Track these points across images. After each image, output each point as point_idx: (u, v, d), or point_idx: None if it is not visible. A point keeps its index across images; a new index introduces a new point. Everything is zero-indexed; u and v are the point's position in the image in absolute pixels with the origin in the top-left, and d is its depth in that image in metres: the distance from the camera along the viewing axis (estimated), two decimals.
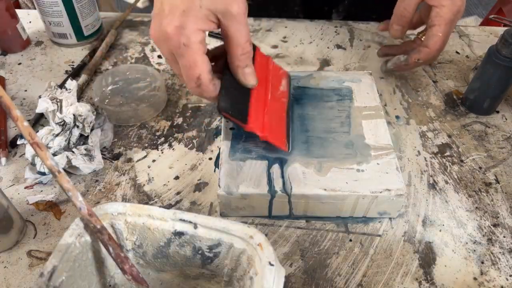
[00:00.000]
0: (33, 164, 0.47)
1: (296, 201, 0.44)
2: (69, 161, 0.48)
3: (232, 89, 0.43)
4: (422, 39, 0.56)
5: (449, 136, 0.56)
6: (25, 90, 0.62)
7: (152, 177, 0.50)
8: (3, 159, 0.51)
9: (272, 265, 0.32)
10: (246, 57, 0.41)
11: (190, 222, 0.35)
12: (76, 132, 0.50)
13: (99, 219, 0.34)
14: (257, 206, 0.45)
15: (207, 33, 0.45)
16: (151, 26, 0.40)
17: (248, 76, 0.43)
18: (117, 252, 0.34)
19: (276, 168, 0.45)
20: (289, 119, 0.50)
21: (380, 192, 0.43)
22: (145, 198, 0.48)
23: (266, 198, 0.44)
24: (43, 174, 0.47)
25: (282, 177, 0.44)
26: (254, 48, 0.47)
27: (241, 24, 0.39)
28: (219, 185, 0.44)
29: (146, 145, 0.54)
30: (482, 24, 1.38)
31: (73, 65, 0.66)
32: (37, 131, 0.50)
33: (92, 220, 0.33)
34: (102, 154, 0.52)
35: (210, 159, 0.52)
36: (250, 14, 0.76)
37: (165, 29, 0.37)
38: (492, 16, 0.68)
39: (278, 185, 0.44)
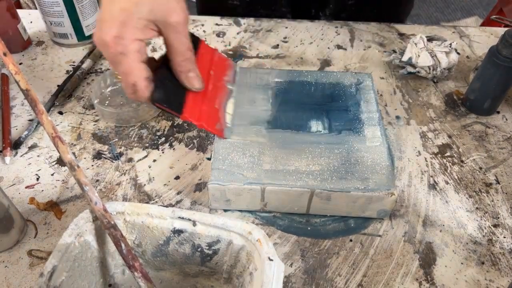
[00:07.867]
0: None
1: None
2: None
3: (167, 81, 0.44)
4: None
5: (450, 137, 0.56)
6: None
7: (153, 177, 0.50)
8: (8, 158, 0.51)
9: (271, 260, 0.32)
10: (187, 63, 0.43)
11: (189, 219, 0.35)
12: None
13: (111, 216, 0.34)
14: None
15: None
16: (94, 30, 0.40)
17: (191, 80, 0.44)
18: (128, 249, 0.34)
19: None
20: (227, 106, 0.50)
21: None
22: (146, 198, 0.48)
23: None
24: None
25: None
26: (198, 40, 0.48)
27: (180, 33, 0.40)
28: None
29: (147, 145, 0.54)
30: (482, 24, 1.38)
31: (74, 65, 0.66)
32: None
33: (107, 216, 0.34)
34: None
35: (210, 159, 0.52)
36: (238, 14, 0.75)
37: (105, 37, 0.38)
38: (494, 16, 0.67)
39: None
